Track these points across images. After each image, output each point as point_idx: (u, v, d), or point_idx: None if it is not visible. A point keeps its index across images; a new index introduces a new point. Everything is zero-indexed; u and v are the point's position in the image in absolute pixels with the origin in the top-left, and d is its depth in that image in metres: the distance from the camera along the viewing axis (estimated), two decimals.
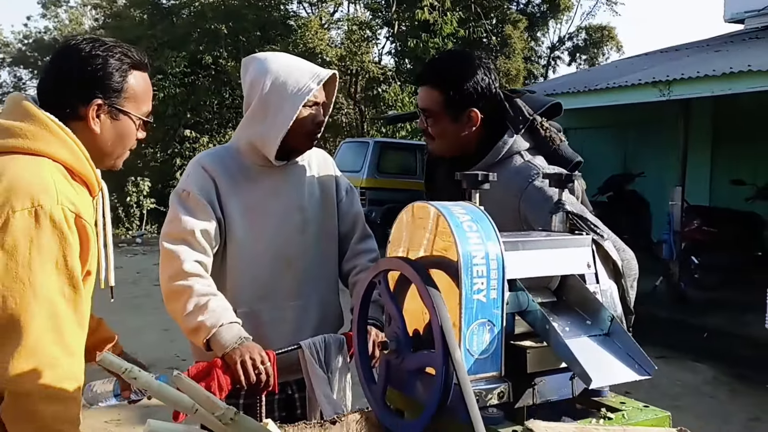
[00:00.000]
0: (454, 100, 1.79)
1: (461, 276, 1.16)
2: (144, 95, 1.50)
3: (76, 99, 1.42)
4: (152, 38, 18.74)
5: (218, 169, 1.91)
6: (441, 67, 1.85)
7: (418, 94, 1.89)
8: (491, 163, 1.82)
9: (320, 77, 1.87)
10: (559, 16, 21.56)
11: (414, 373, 1.24)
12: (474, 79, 1.79)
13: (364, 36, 19.45)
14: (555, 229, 1.41)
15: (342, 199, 2.09)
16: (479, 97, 1.80)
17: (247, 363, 1.70)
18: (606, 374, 1.16)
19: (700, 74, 5.72)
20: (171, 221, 1.87)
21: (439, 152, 1.90)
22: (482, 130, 1.84)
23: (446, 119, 1.82)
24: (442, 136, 1.85)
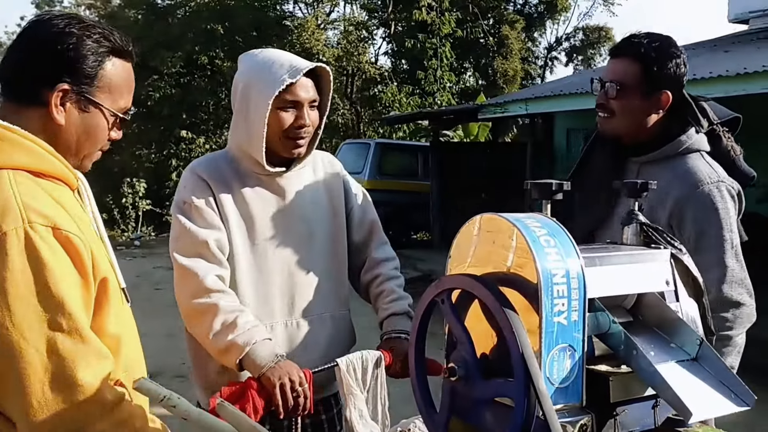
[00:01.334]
0: (652, 76, 1.78)
1: (541, 297, 1.05)
2: (122, 87, 1.27)
3: (40, 81, 1.19)
4: (148, 39, 18.60)
5: (213, 176, 1.78)
6: (647, 43, 1.80)
7: (611, 66, 1.84)
8: (670, 154, 1.81)
9: (298, 69, 1.70)
10: (556, 16, 21.55)
11: (483, 403, 1.13)
12: (675, 61, 1.79)
13: (361, 36, 19.37)
14: (628, 241, 1.30)
15: (353, 207, 1.94)
16: (674, 81, 1.80)
17: (286, 386, 1.59)
18: (704, 405, 1.05)
19: (713, 74, 5.64)
20: (180, 236, 1.73)
21: (614, 130, 1.86)
22: (665, 119, 1.82)
23: (637, 95, 1.79)
24: (626, 112, 1.80)
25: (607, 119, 1.84)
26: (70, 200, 1.24)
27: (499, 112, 8.54)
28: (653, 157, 1.82)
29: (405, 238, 12.28)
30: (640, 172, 1.83)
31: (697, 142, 1.82)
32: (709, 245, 1.74)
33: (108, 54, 1.24)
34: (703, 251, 1.74)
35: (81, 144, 1.25)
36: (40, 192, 1.17)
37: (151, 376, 1.47)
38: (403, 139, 16.62)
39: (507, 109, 8.37)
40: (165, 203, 16.63)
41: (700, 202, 1.74)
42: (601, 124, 1.87)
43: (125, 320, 1.31)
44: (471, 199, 10.00)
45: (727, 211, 1.75)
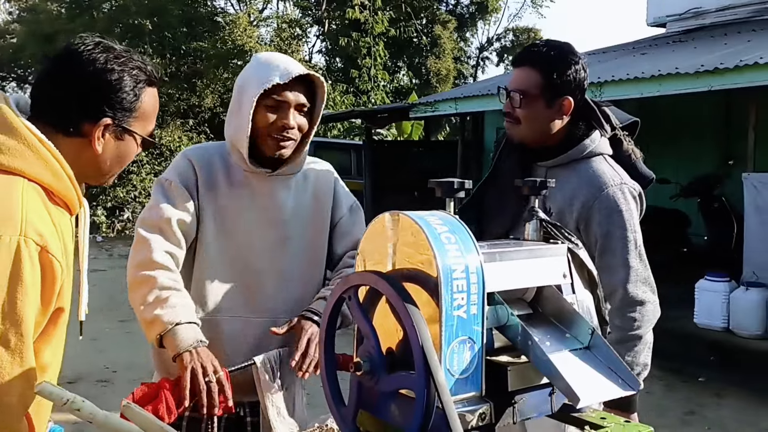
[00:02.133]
0: (553, 84, 1.82)
1: (441, 291, 1.08)
2: (153, 114, 1.36)
3: (83, 116, 1.26)
4: (71, 33, 17.97)
5: (202, 163, 1.84)
6: (546, 52, 1.85)
7: (514, 75, 1.88)
8: (575, 158, 1.87)
9: (289, 74, 1.73)
10: (487, 17, 21.93)
11: (389, 396, 1.16)
12: (575, 68, 1.84)
13: (294, 34, 19.24)
14: (529, 237, 1.35)
15: (342, 218, 1.94)
16: (575, 88, 1.84)
17: (198, 371, 1.57)
18: (592, 391, 1.11)
19: (630, 76, 5.87)
20: (150, 208, 1.80)
21: (520, 137, 1.90)
22: (569, 124, 1.88)
23: (541, 103, 1.84)
24: (530, 120, 1.86)
25: (513, 126, 1.90)
26: (66, 227, 1.27)
27: (430, 111, 8.64)
28: (559, 161, 1.89)
29: None
30: (547, 176, 1.89)
31: (600, 145, 1.89)
32: (615, 246, 1.82)
33: (144, 86, 1.32)
34: (609, 252, 1.82)
35: (112, 166, 1.33)
36: (45, 212, 1.20)
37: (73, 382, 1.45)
38: (337, 138, 16.62)
39: (437, 108, 8.48)
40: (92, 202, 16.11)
41: (605, 204, 1.81)
42: (509, 131, 1.93)
43: (59, 351, 1.32)
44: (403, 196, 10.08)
45: (630, 212, 1.83)
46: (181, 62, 18.83)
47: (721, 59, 5.55)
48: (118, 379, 5.00)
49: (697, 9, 8.62)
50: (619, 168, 1.90)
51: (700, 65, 5.44)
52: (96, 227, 15.44)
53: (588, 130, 1.90)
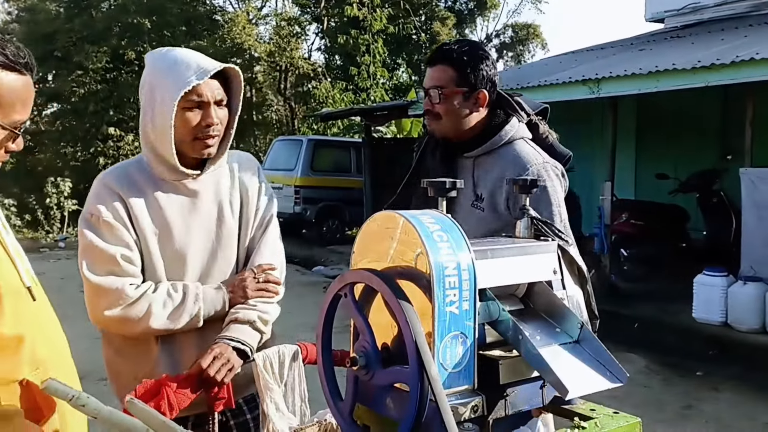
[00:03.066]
0: (467, 78, 1.91)
1: (433, 288, 1.12)
2: (12, 101, 1.25)
3: None
4: (70, 32, 18.02)
5: (124, 185, 1.75)
6: (458, 49, 1.95)
7: (431, 74, 1.97)
8: (498, 144, 1.94)
9: (205, 71, 1.68)
10: (486, 13, 21.93)
11: (384, 389, 1.19)
12: (486, 63, 1.93)
13: (293, 32, 19.25)
14: (520, 234, 1.39)
15: (260, 209, 1.91)
16: (488, 81, 1.93)
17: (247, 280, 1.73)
18: (580, 384, 1.14)
19: (627, 72, 5.89)
20: (86, 250, 1.71)
21: (442, 132, 1.98)
22: (486, 116, 1.96)
23: (458, 97, 1.92)
24: (450, 114, 1.93)
25: (434, 122, 1.98)
26: None
27: None
28: (484, 149, 1.96)
29: (339, 234, 12.32)
30: (476, 165, 1.98)
31: (519, 130, 1.98)
32: None
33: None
34: None
35: None
36: None
37: None
38: (337, 136, 16.64)
39: None
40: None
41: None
42: (431, 128, 2.01)
43: (30, 319, 1.30)
44: None
45: (555, 188, 1.90)
46: None
47: (718, 55, 5.56)
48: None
49: (695, 4, 8.63)
50: (540, 149, 1.99)
51: (697, 61, 5.45)
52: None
53: (506, 117, 1.99)
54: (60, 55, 18.09)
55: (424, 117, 2.01)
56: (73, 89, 17.46)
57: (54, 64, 18.26)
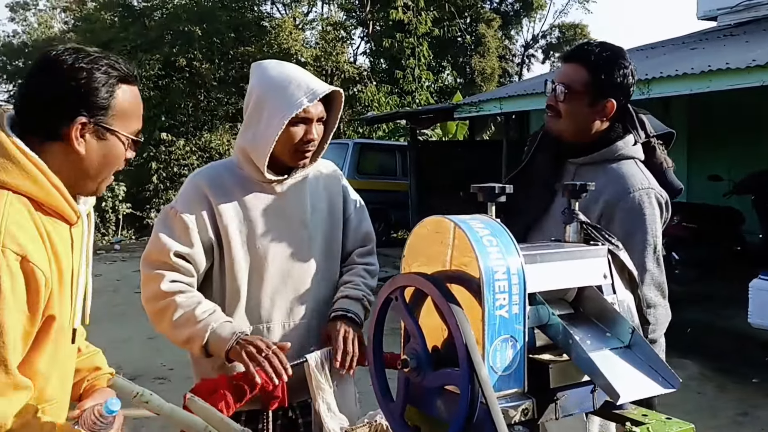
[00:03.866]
0: (599, 83, 1.85)
1: (483, 292, 1.14)
2: (133, 111, 1.36)
3: (57, 117, 1.27)
4: (124, 41, 18.54)
5: (213, 185, 1.85)
6: (598, 51, 1.88)
7: (562, 69, 1.91)
8: (607, 158, 1.89)
9: (315, 94, 1.79)
10: (532, 14, 21.73)
11: (434, 391, 1.22)
12: (623, 71, 1.86)
13: (339, 36, 19.41)
14: (569, 239, 1.39)
15: (350, 216, 2.02)
16: (621, 92, 1.86)
17: (252, 351, 1.65)
18: (632, 388, 1.15)
19: (678, 72, 5.76)
20: (151, 242, 1.83)
21: (558, 131, 1.93)
22: (608, 126, 1.90)
23: (584, 100, 1.87)
24: (571, 116, 1.89)
25: (553, 119, 1.92)
26: (61, 236, 1.30)
27: (475, 111, 8.63)
28: (591, 159, 1.91)
29: (384, 237, 12.35)
30: (577, 173, 1.93)
31: (632, 150, 1.91)
32: (634, 248, 1.82)
33: (117, 82, 1.31)
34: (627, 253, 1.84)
35: (101, 169, 1.33)
36: (29, 223, 1.23)
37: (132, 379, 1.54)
38: (382, 139, 16.70)
39: (482, 108, 8.46)
40: (145, 206, 16.57)
41: (629, 206, 1.82)
42: (548, 123, 1.96)
43: (62, 360, 1.33)
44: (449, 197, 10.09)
45: (654, 217, 1.84)
46: (229, 67, 19.22)
47: None
48: (175, 377, 5.16)
49: (749, 1, 8.40)
50: (649, 174, 1.91)
51: (751, 60, 5.31)
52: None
53: (624, 133, 1.92)
54: None
55: (545, 111, 1.95)
56: None
57: None
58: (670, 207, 1.92)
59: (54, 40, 23.41)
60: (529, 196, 1.93)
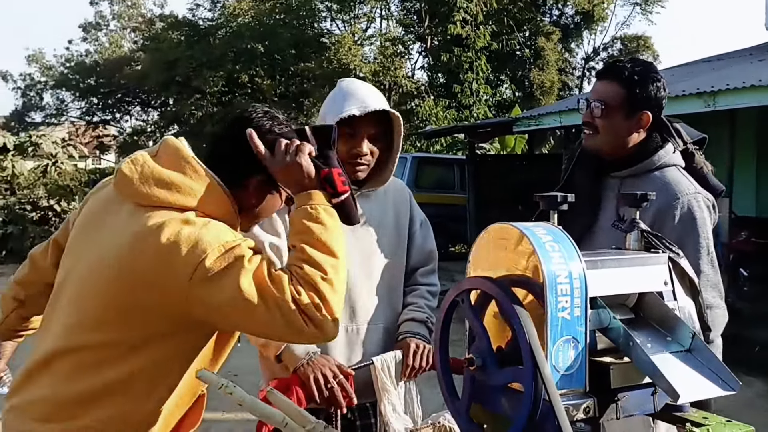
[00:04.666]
0: (634, 98, 1.91)
1: (546, 295, 1.20)
2: None
3: (245, 172, 1.46)
4: (190, 59, 19.19)
5: None
6: (630, 68, 1.95)
7: (597, 87, 1.99)
8: (650, 168, 1.95)
9: (366, 108, 1.87)
10: (593, 26, 21.48)
11: (499, 389, 1.28)
12: (656, 85, 1.93)
13: (397, 51, 19.62)
14: (630, 246, 1.44)
15: (415, 233, 2.10)
16: (654, 104, 1.93)
17: (320, 380, 1.76)
18: (692, 389, 1.18)
19: (746, 84, 5.66)
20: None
21: (596, 146, 1.99)
22: (645, 137, 1.96)
23: (620, 115, 1.93)
24: (608, 131, 1.94)
25: (591, 136, 1.97)
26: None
27: (534, 125, 8.62)
28: (635, 171, 1.95)
29: (443, 250, 12.33)
30: (623, 185, 1.96)
31: (673, 157, 1.96)
32: (688, 252, 1.83)
33: None
34: None
35: (259, 215, 1.56)
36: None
37: None
38: (440, 153, 16.77)
39: (541, 122, 8.45)
40: None
41: (680, 211, 1.86)
42: (586, 140, 2.00)
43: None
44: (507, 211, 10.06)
45: (704, 220, 1.87)
46: (290, 83, 19.69)
47: None
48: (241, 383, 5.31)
49: None
50: (692, 179, 1.95)
51: None
52: None
53: (662, 142, 1.97)
54: (180, 80, 19.33)
55: (582, 128, 2.01)
56: (192, 112, 18.59)
57: (175, 89, 19.54)
58: (717, 208, 1.96)
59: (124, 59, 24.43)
60: (576, 211, 1.98)
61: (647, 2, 20.77)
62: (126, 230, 1.36)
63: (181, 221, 1.34)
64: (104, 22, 28.67)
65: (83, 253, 1.42)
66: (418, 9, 20.01)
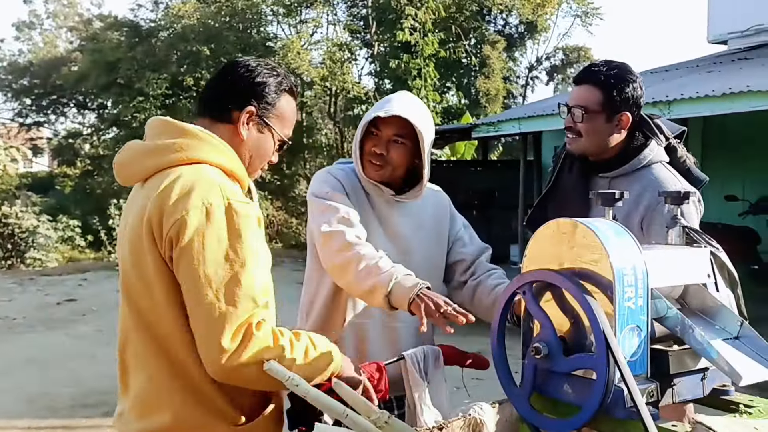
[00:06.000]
0: (613, 101, 1.97)
1: (615, 285, 1.26)
2: (289, 119, 1.60)
3: (234, 104, 1.52)
4: (132, 60, 18.71)
5: (342, 180, 2.03)
6: (606, 71, 2.01)
7: (576, 92, 2.03)
8: (637, 167, 2.01)
9: (390, 111, 1.95)
10: (536, 36, 22.00)
11: (562, 377, 1.33)
12: (632, 86, 1.99)
13: (344, 57, 19.64)
14: (672, 242, 1.52)
15: (459, 232, 2.16)
16: (633, 104, 1.99)
17: (431, 307, 1.71)
18: (751, 372, 1.27)
19: (700, 94, 5.94)
20: (323, 212, 1.95)
21: (581, 150, 2.05)
22: (626, 137, 2.03)
23: (601, 118, 1.99)
24: (591, 134, 2.00)
25: (575, 140, 2.04)
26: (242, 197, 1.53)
27: (493, 131, 8.79)
28: (622, 171, 2.03)
29: None
30: (611, 185, 2.04)
31: (658, 154, 2.04)
32: None
33: (284, 90, 1.58)
34: None
35: (252, 158, 1.57)
36: (229, 183, 1.47)
37: None
38: None
39: (500, 128, 8.63)
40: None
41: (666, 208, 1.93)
42: (570, 145, 2.08)
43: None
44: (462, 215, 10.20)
45: (691, 215, 1.95)
46: None
47: None
48: None
49: (759, 26, 8.60)
50: (677, 174, 2.04)
51: None
52: None
53: (645, 140, 2.05)
54: (122, 82, 18.79)
55: (565, 133, 2.08)
56: (134, 115, 18.09)
57: (116, 91, 18.99)
58: (702, 201, 2.04)
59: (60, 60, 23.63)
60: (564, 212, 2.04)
61: (587, 14, 21.38)
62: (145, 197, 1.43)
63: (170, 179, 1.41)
64: (38, 21, 27.60)
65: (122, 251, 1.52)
66: (365, 15, 20.09)
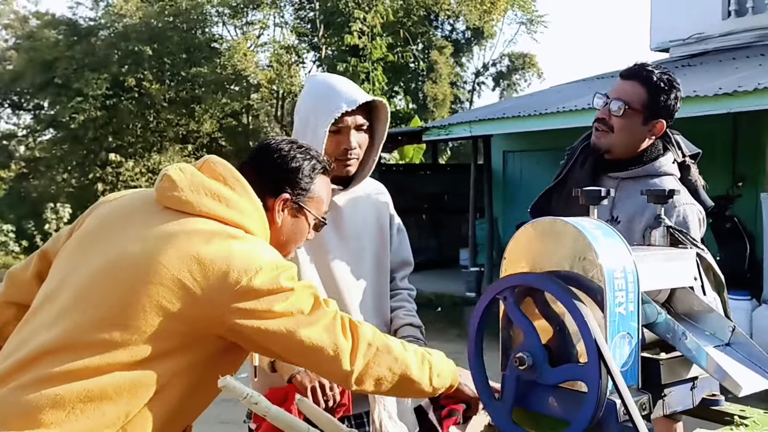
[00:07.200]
0: (656, 104, 1.93)
1: (606, 290, 1.17)
2: (325, 199, 1.56)
3: (269, 191, 1.47)
4: (70, 59, 18.07)
5: None
6: (658, 73, 1.96)
7: (621, 86, 1.97)
8: (649, 173, 1.97)
9: (355, 102, 1.82)
10: (482, 42, 22.22)
11: (548, 389, 1.23)
12: (676, 95, 1.96)
13: (291, 60, 19.43)
14: (656, 243, 1.44)
15: (393, 236, 2.04)
16: (671, 113, 1.96)
17: (317, 389, 1.66)
18: (748, 382, 1.19)
19: None
20: None
21: (607, 146, 1.99)
22: (651, 144, 1.98)
23: (639, 118, 1.94)
24: (624, 131, 1.95)
25: (604, 134, 1.99)
26: None
27: (444, 134, 8.76)
28: (633, 173, 1.99)
29: None
30: (619, 186, 1.99)
31: (672, 167, 2.01)
32: None
33: (319, 173, 1.53)
34: None
35: (287, 242, 1.52)
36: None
37: None
38: None
39: (452, 131, 8.60)
40: None
41: (676, 219, 1.89)
42: (598, 138, 2.01)
43: None
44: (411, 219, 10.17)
45: (696, 231, 1.93)
46: (180, 88, 18.94)
47: (738, 82, 5.71)
48: None
49: (700, 34, 8.83)
50: (686, 190, 2.01)
51: (718, 88, 5.59)
52: None
53: (663, 150, 2.02)
54: (60, 82, 18.10)
55: (593, 124, 2.01)
56: (72, 116, 17.46)
57: (53, 90, 18.29)
58: (706, 223, 2.00)
59: None
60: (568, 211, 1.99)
61: (532, 21, 21.68)
62: (162, 229, 1.28)
63: (229, 236, 1.32)
64: None
65: (95, 254, 1.30)
66: (313, 18, 19.91)
